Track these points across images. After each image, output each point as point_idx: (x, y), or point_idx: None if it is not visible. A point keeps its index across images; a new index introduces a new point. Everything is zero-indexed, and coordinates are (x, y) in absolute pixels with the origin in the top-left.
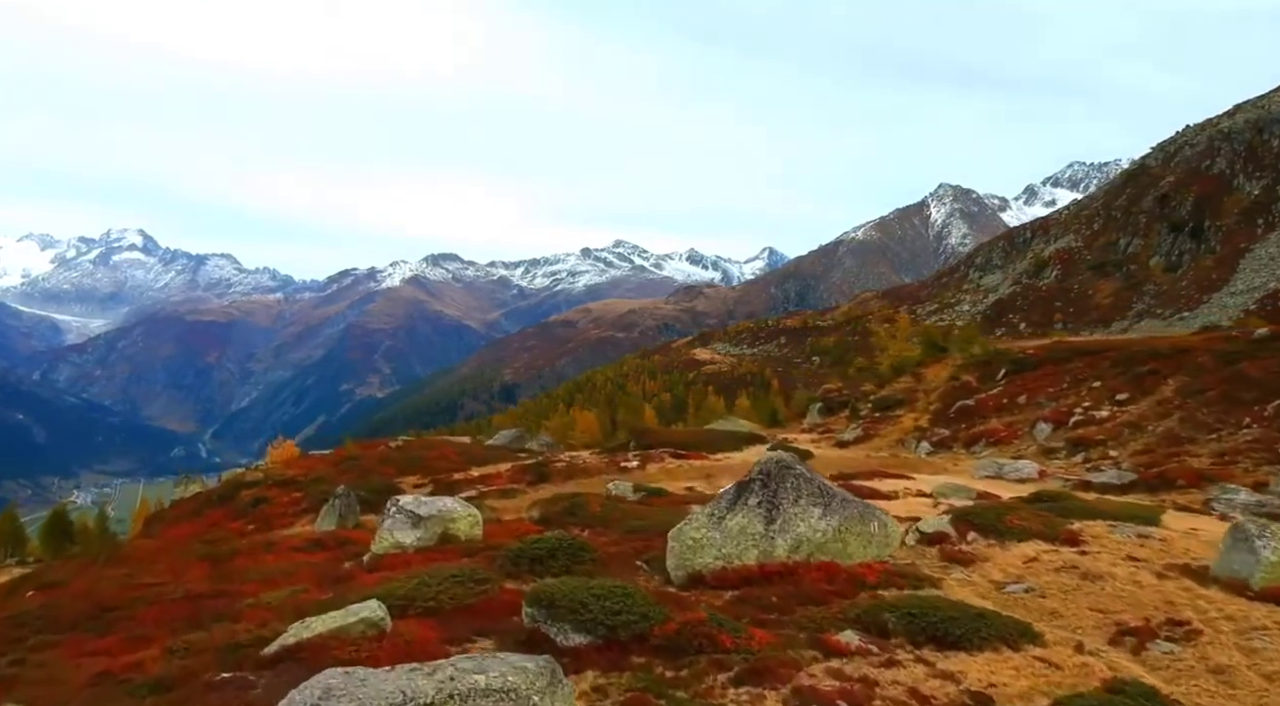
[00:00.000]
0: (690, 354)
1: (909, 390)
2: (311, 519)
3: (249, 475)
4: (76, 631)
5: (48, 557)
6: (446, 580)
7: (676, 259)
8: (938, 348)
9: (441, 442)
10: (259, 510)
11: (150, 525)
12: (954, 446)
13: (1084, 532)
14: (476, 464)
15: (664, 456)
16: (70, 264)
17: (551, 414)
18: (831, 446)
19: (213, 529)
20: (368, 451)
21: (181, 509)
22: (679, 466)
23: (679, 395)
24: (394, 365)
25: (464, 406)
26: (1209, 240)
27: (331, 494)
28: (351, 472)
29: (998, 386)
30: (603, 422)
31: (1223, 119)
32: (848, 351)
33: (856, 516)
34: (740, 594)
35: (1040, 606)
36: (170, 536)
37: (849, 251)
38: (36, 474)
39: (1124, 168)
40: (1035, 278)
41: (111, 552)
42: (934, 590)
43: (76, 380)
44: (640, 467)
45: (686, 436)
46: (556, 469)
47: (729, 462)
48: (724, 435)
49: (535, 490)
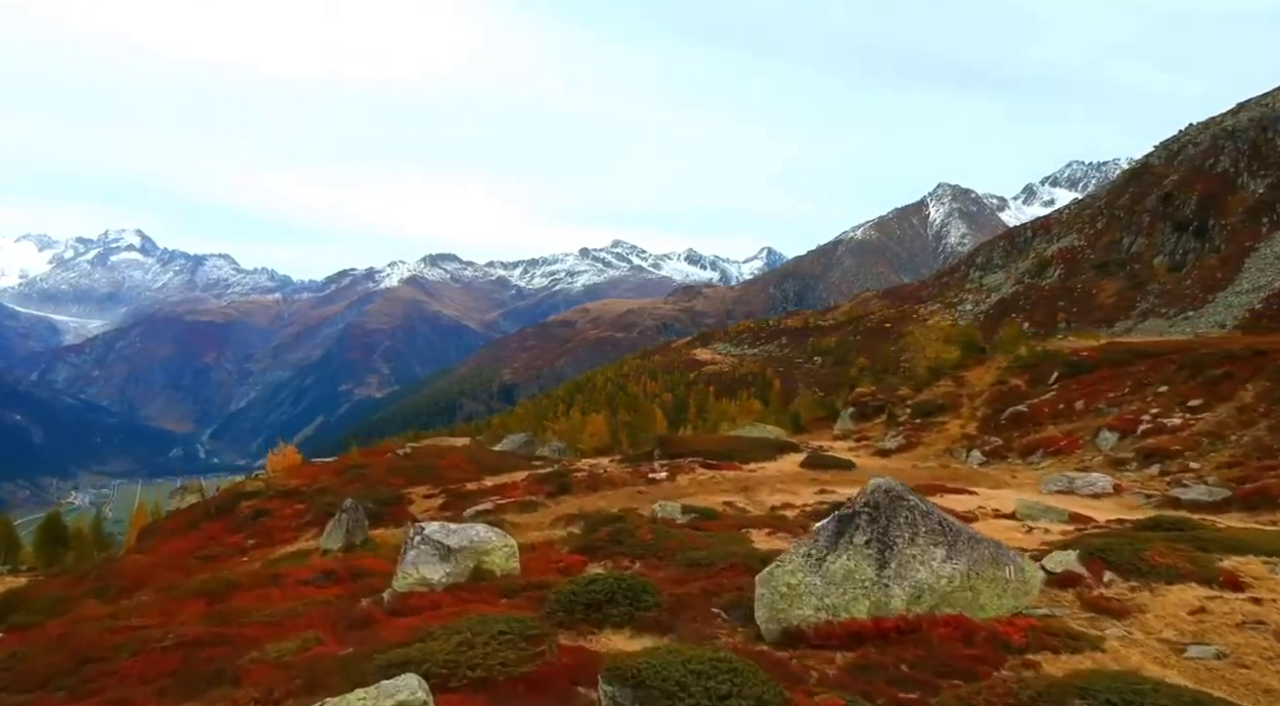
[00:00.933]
0: (691, 354)
1: (950, 394)
2: (316, 533)
3: (249, 485)
4: (47, 689)
5: (41, 565)
6: (493, 639)
7: (675, 259)
8: (977, 349)
9: (451, 449)
10: (260, 523)
11: (145, 537)
12: (1008, 456)
13: (1241, 572)
14: (489, 472)
15: (694, 467)
16: (68, 264)
17: (552, 415)
18: (871, 455)
19: (210, 543)
20: (374, 459)
21: (178, 520)
22: (711, 478)
23: (680, 396)
24: (392, 365)
25: (463, 406)
26: (1213, 239)
27: (337, 507)
28: (357, 482)
29: (1050, 391)
30: (611, 426)
31: (1226, 117)
32: (849, 351)
33: (988, 558)
34: (856, 658)
35: (1246, 680)
36: (165, 551)
37: (848, 251)
38: (34, 475)
39: (1123, 167)
40: (1038, 277)
41: (103, 569)
42: (1096, 652)
43: (74, 381)
44: (670, 479)
45: (715, 444)
46: (578, 479)
47: (764, 474)
48: (753, 443)
49: (556, 503)
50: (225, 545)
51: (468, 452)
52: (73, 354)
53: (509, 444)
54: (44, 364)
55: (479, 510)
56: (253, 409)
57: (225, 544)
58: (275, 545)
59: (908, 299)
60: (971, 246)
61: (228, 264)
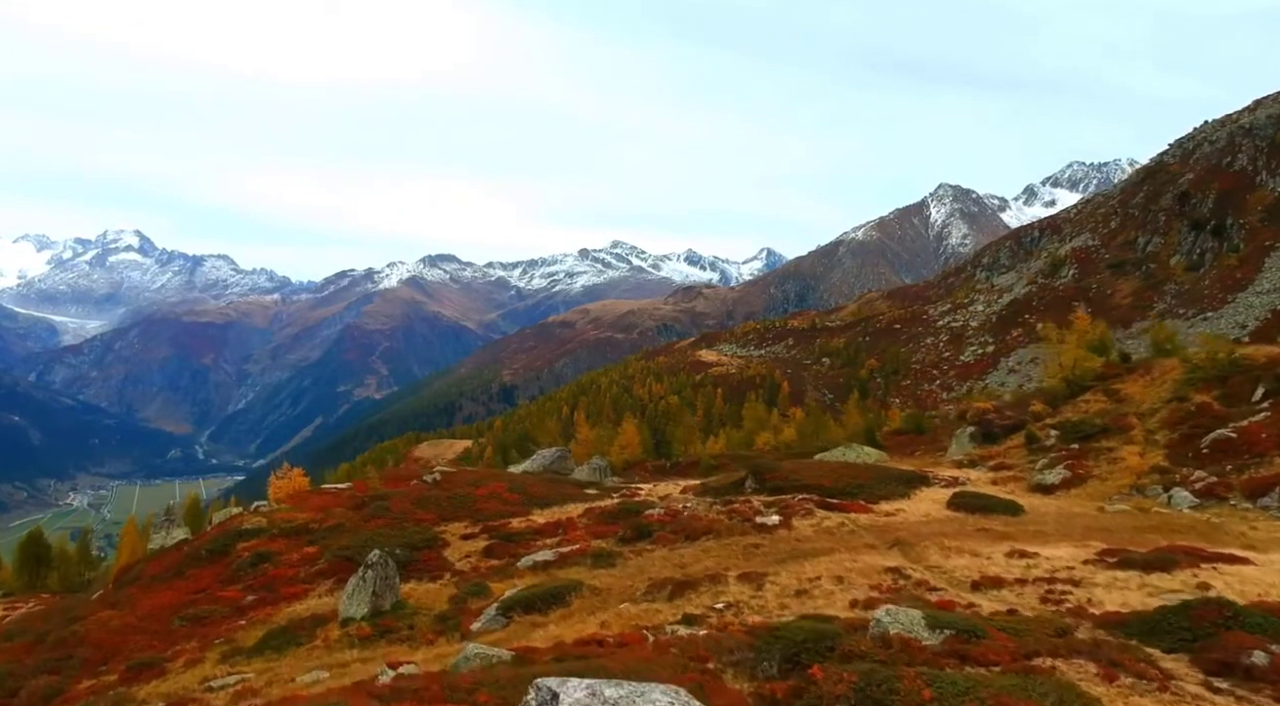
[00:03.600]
0: (695, 355)
1: (1109, 413)
2: (331, 586)
3: (248, 519)
4: None
5: (21, 587)
6: None
7: (674, 259)
8: (1121, 355)
9: (490, 475)
10: (261, 572)
11: (124, 581)
12: (1228, 497)
13: None
14: (537, 504)
15: (809, 506)
16: (66, 265)
17: (554, 416)
18: (1028, 492)
19: (199, 597)
20: (397, 486)
21: (162, 564)
22: (841, 525)
23: (687, 398)
24: (391, 366)
25: (462, 407)
26: (1232, 238)
27: (357, 552)
28: (380, 519)
29: (1259, 411)
30: (643, 436)
31: (1243, 114)
32: (859, 352)
33: None
34: None
35: None
36: (144, 607)
37: (849, 251)
38: (32, 476)
39: (1124, 168)
40: (1051, 277)
41: (65, 633)
42: None
43: (72, 382)
44: (784, 525)
45: (821, 474)
46: (653, 519)
47: (908, 519)
48: (871, 473)
49: (637, 554)
50: (217, 601)
51: (509, 480)
52: (71, 355)
53: (539, 460)
54: (42, 365)
55: (537, 561)
56: (251, 410)
57: (218, 598)
58: (280, 602)
59: (914, 299)
60: (973, 247)
61: (226, 264)
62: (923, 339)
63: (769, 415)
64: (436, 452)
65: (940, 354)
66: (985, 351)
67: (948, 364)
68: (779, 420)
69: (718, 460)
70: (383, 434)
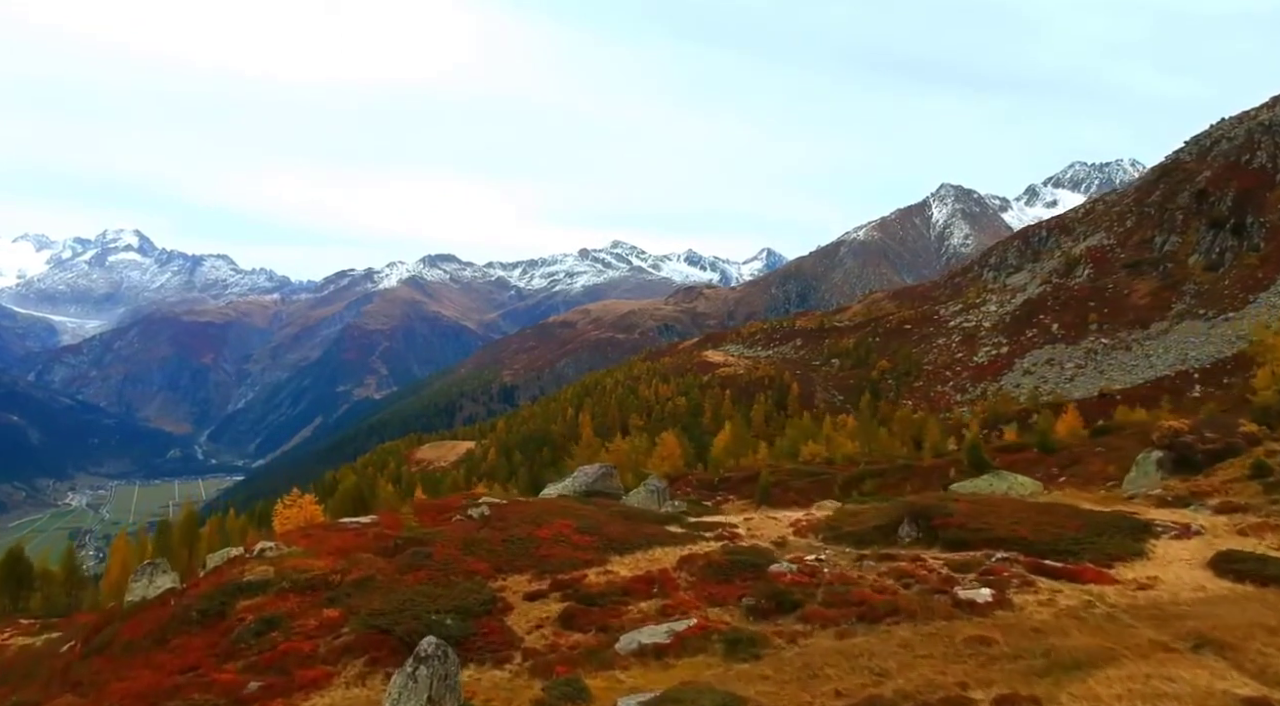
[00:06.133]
0: (701, 356)
1: None
2: (361, 673)
3: (250, 569)
4: None
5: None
6: None
7: (674, 260)
8: None
9: (554, 509)
10: (268, 643)
11: (93, 646)
12: None
13: None
14: (615, 549)
15: (1019, 572)
16: (66, 264)
17: (559, 418)
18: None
19: (187, 678)
20: (435, 523)
21: (143, 626)
22: (1084, 603)
23: (694, 400)
24: (391, 366)
25: (463, 408)
26: (1252, 237)
27: (391, 619)
28: (420, 570)
29: None
30: (684, 447)
31: (1262, 111)
32: (869, 353)
33: None
34: None
35: None
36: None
37: (850, 252)
38: (31, 476)
39: (1126, 168)
40: (1066, 277)
41: None
42: None
43: (72, 381)
44: (999, 602)
45: (1013, 521)
46: (789, 582)
47: (1174, 592)
48: (1073, 519)
49: (789, 640)
50: (210, 687)
51: (576, 516)
52: (70, 354)
53: (581, 479)
54: (41, 364)
55: (644, 644)
56: (251, 410)
57: (210, 685)
58: (294, 693)
59: (921, 299)
60: (974, 247)
61: (226, 264)
62: (934, 339)
63: (816, 426)
64: (439, 454)
65: (953, 355)
66: (999, 352)
67: (961, 365)
68: (830, 429)
69: (775, 475)
70: (383, 434)
